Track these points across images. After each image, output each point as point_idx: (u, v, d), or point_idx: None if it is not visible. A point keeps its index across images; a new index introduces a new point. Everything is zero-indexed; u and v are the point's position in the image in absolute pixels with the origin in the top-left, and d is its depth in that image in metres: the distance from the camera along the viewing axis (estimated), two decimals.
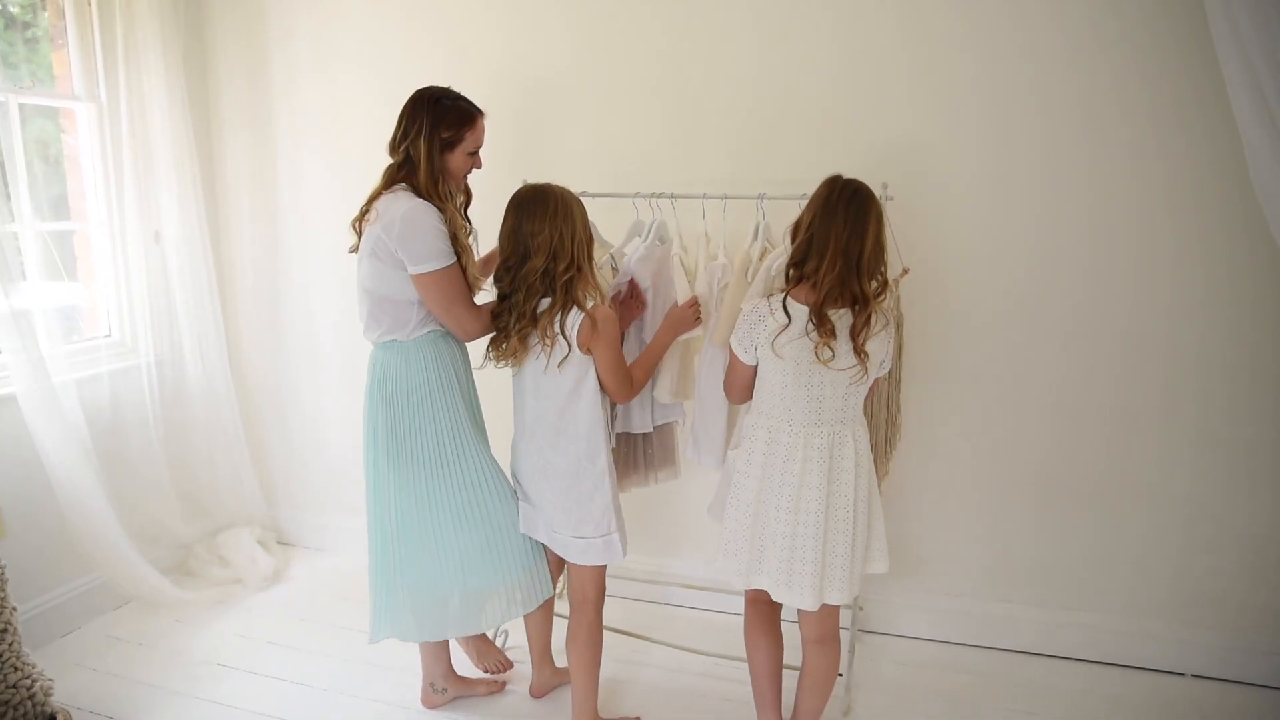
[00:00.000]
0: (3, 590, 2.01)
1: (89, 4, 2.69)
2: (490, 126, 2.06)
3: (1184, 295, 2.25)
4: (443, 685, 2.26)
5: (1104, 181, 2.24)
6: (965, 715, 2.25)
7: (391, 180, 1.96)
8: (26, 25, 2.68)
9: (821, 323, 1.68)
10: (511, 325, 1.89)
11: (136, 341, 2.89)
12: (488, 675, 2.35)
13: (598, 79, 2.60)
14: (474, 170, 2.05)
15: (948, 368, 2.44)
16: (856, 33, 2.35)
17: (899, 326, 2.18)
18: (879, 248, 1.74)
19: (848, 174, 1.78)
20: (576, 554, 1.99)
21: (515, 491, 2.10)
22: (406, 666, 2.41)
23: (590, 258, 1.90)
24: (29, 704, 2.00)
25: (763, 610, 1.97)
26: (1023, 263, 2.34)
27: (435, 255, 1.88)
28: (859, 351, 1.70)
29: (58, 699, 2.12)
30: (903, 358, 2.25)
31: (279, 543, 3.25)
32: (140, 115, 2.78)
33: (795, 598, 1.80)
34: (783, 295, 1.75)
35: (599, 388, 1.93)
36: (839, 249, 1.68)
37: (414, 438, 1.99)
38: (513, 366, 1.98)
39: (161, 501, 2.93)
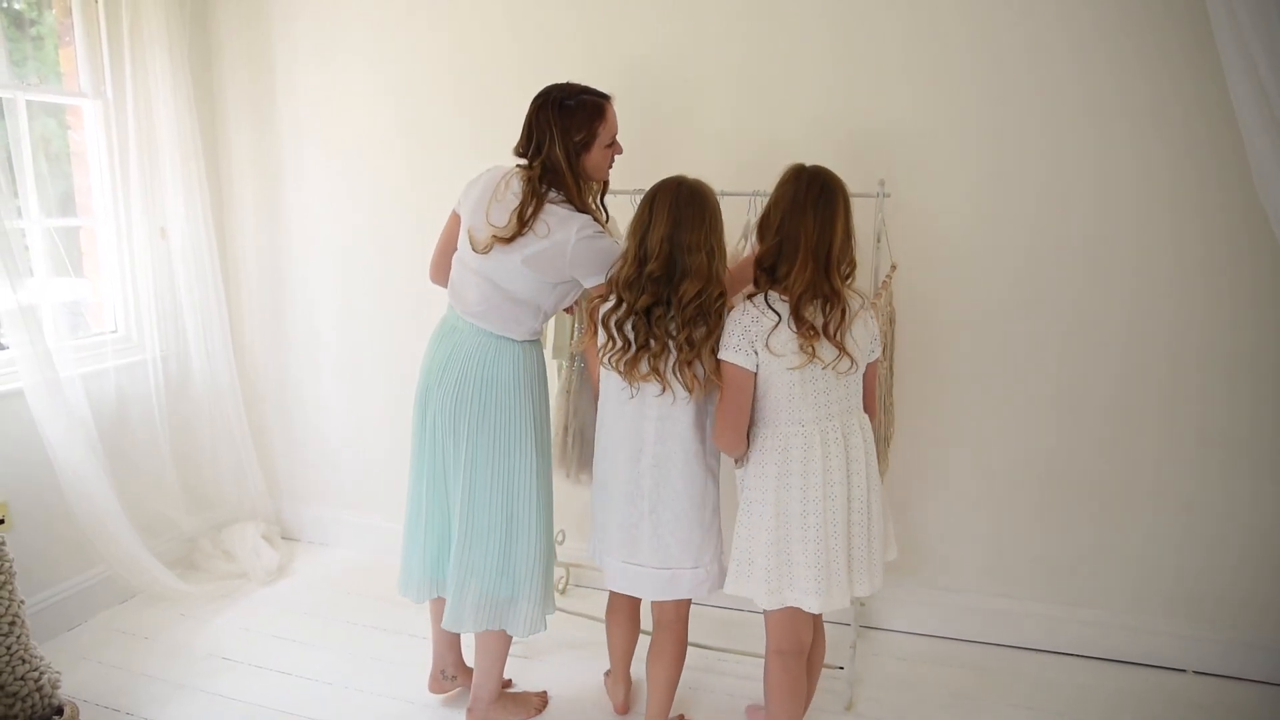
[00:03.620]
0: (10, 583, 2.02)
1: (95, 1, 2.70)
2: (493, 119, 2.04)
3: (1185, 291, 2.24)
4: (453, 673, 2.27)
5: (1104, 178, 2.24)
6: (967, 710, 2.25)
7: (537, 190, 1.85)
8: (33, 23, 2.69)
9: (800, 323, 1.67)
10: (664, 350, 1.73)
11: (142, 337, 2.90)
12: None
13: (603, 68, 2.59)
14: (616, 158, 1.97)
15: (948, 363, 2.44)
16: (853, 25, 2.35)
17: (891, 321, 2.19)
18: (848, 238, 1.72)
19: (843, 169, 1.77)
20: (690, 588, 1.87)
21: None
22: (411, 661, 2.43)
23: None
24: (37, 696, 2.02)
25: (791, 663, 1.86)
26: (1022, 259, 2.34)
27: (610, 263, 1.85)
28: (837, 345, 1.69)
29: (65, 691, 2.14)
30: (897, 352, 2.25)
31: (283, 537, 3.26)
32: (146, 111, 2.79)
33: (835, 600, 1.76)
34: (764, 294, 1.71)
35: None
36: (809, 251, 1.66)
37: (509, 428, 1.94)
38: (666, 393, 1.78)
39: (166, 495, 2.95)
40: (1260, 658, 2.33)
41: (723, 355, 1.73)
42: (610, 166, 1.98)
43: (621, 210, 2.26)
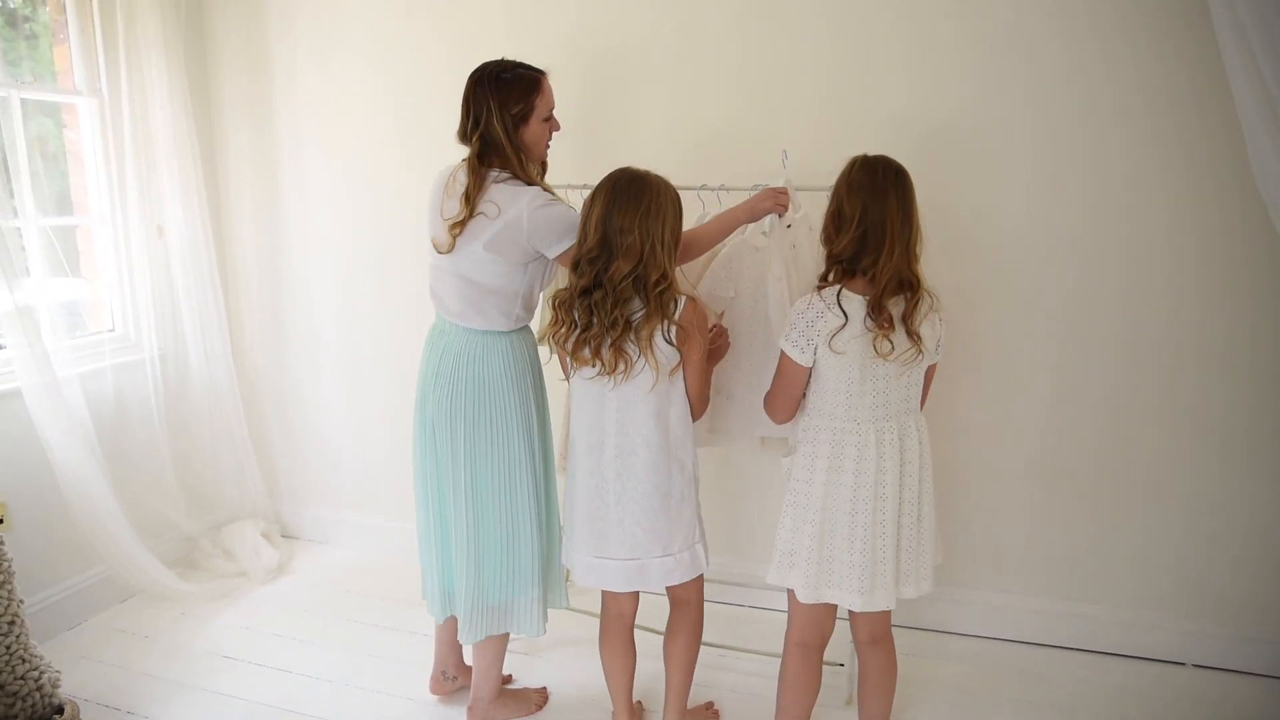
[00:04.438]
0: (10, 583, 2.02)
1: None
2: None
3: (1183, 286, 2.24)
4: (454, 674, 2.28)
5: (1102, 172, 2.24)
6: (966, 704, 2.26)
7: (477, 168, 1.85)
8: (26, 19, 2.68)
9: (880, 314, 1.63)
10: (603, 332, 1.73)
11: (140, 336, 2.90)
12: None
13: (607, 69, 2.59)
14: (554, 134, 1.96)
15: (944, 360, 2.43)
16: (852, 24, 2.35)
17: None
18: (919, 225, 1.69)
19: (842, 162, 1.75)
20: (659, 577, 1.86)
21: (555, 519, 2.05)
22: (411, 659, 2.43)
23: (676, 260, 1.78)
24: (37, 695, 2.02)
25: (812, 657, 1.87)
26: (1018, 256, 2.34)
27: (572, 228, 1.82)
28: (912, 335, 1.65)
29: (65, 690, 2.14)
30: None
31: (282, 536, 3.26)
32: (142, 109, 2.79)
33: (878, 601, 1.74)
34: (836, 290, 1.66)
35: (685, 390, 1.83)
36: (895, 237, 1.62)
37: (505, 426, 1.93)
38: (602, 374, 1.77)
39: (165, 495, 2.94)
40: (1260, 652, 2.33)
41: (781, 345, 1.72)
42: (549, 143, 1.95)
43: None
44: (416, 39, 2.77)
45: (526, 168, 1.88)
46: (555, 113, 1.95)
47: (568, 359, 1.82)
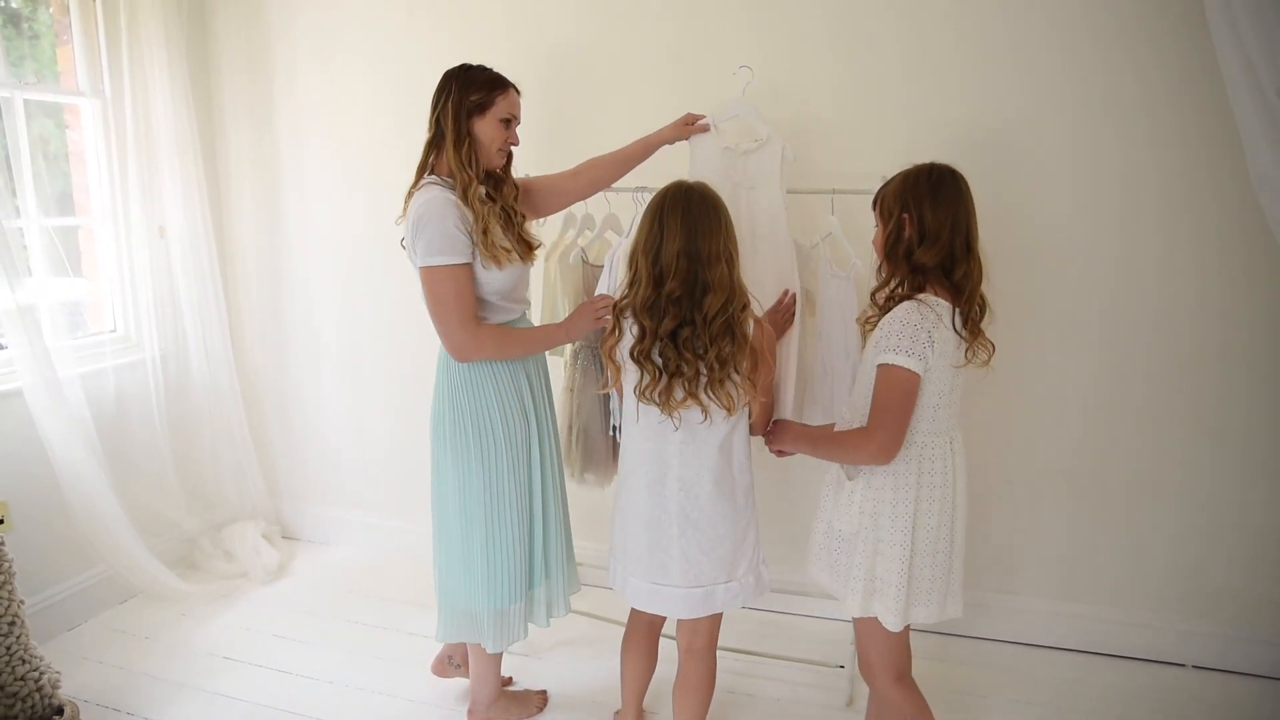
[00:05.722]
0: (10, 583, 2.02)
1: None
2: None
3: (1177, 285, 2.25)
4: (458, 662, 2.29)
5: (1094, 172, 2.24)
6: (962, 705, 2.26)
7: (422, 164, 1.88)
8: (27, 20, 2.68)
9: (971, 323, 1.60)
10: (707, 371, 1.60)
11: (141, 336, 2.90)
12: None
13: (606, 71, 2.60)
14: (510, 146, 1.91)
15: None
16: (852, 27, 2.35)
17: None
18: None
19: (845, 164, 1.74)
20: (724, 602, 1.76)
21: (526, 526, 1.99)
22: (411, 659, 2.43)
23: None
24: (37, 696, 2.02)
25: (910, 682, 1.77)
26: (1011, 254, 2.33)
27: (434, 250, 1.75)
28: (983, 340, 1.64)
29: (65, 691, 2.14)
30: None
31: (283, 536, 3.26)
32: (144, 110, 2.79)
33: (950, 609, 1.69)
34: (952, 310, 1.59)
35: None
36: (977, 246, 1.61)
37: (460, 437, 1.91)
38: (673, 415, 1.65)
39: (166, 495, 2.95)
40: (1258, 652, 2.34)
41: (894, 359, 1.54)
42: (500, 151, 1.88)
43: (624, 208, 2.26)
44: (417, 39, 2.78)
45: (460, 154, 1.81)
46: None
47: (651, 406, 1.67)
